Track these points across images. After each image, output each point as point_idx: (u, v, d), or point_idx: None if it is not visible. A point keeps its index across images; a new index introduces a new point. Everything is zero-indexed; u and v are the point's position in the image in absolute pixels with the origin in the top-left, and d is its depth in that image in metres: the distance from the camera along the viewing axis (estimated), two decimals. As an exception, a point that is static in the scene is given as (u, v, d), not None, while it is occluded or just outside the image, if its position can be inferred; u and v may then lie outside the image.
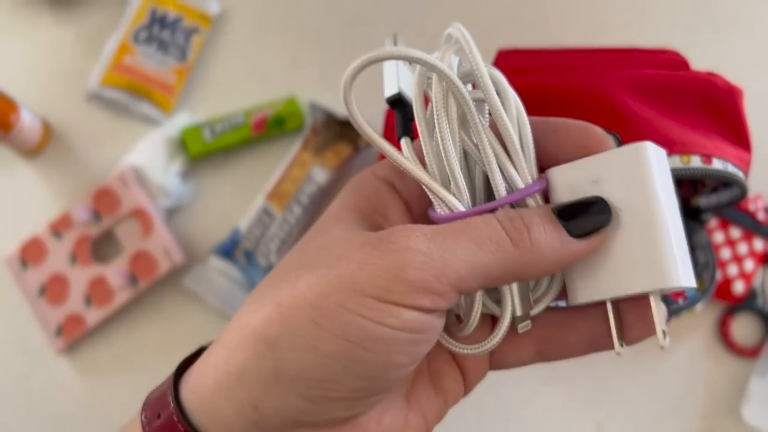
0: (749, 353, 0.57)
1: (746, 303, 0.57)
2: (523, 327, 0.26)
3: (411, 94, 0.25)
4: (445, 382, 0.27)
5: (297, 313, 0.21)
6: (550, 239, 0.22)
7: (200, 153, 0.58)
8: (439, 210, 0.24)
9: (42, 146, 0.59)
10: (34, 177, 0.60)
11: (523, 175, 0.24)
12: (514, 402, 0.57)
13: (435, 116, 0.24)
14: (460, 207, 0.24)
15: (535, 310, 0.26)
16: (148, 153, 0.57)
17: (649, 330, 0.24)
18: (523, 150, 0.24)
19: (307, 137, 0.58)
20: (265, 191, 0.58)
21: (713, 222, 0.57)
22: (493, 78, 0.24)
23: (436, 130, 0.24)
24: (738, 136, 0.45)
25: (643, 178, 0.22)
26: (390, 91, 0.26)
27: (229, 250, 0.57)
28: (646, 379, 0.57)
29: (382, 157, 0.53)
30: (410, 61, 0.23)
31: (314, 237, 0.25)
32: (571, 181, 0.23)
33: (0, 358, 0.58)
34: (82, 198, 0.59)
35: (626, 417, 0.57)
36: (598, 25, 0.63)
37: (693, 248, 0.52)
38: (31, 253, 0.57)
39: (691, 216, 0.50)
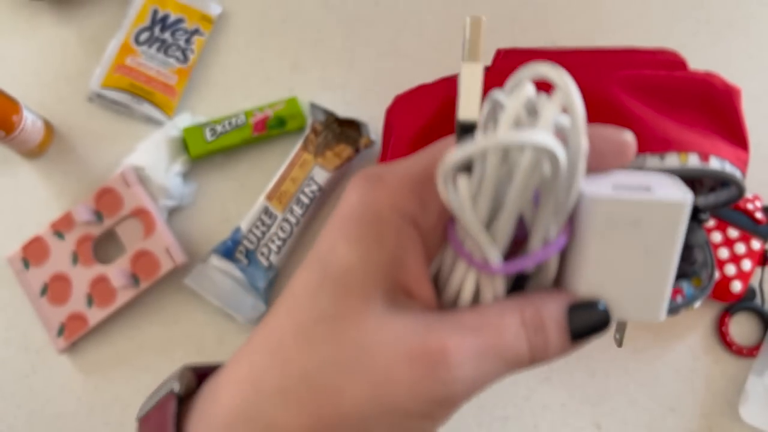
0: (747, 352, 0.57)
1: (744, 302, 0.57)
2: None
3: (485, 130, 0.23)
4: None
5: (343, 428, 0.22)
6: (557, 353, 0.24)
7: (201, 153, 0.59)
8: (472, 251, 0.23)
9: (44, 147, 0.60)
10: (36, 177, 0.60)
11: (558, 232, 0.24)
12: (513, 400, 0.57)
13: (515, 186, 0.22)
14: (497, 263, 0.23)
15: None
16: (149, 153, 0.58)
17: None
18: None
19: (308, 138, 0.59)
20: (265, 191, 0.58)
21: (711, 222, 0.57)
22: (584, 148, 0.22)
23: (509, 197, 0.22)
24: (736, 135, 0.45)
25: (675, 231, 0.24)
26: (468, 114, 0.23)
27: (229, 249, 0.57)
28: (645, 377, 0.58)
29: (382, 161, 0.53)
30: (516, 146, 0.21)
31: (345, 319, 0.23)
32: (613, 216, 0.24)
33: (2, 357, 0.58)
34: (83, 198, 0.59)
35: (625, 415, 0.57)
36: (597, 26, 0.64)
37: (691, 247, 0.52)
38: (33, 253, 0.57)
39: (690, 216, 0.50)
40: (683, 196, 0.23)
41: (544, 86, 0.24)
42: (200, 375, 0.27)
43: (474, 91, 0.22)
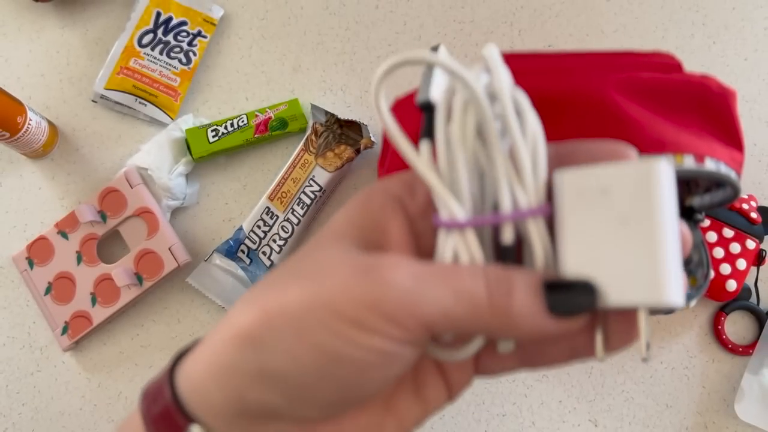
0: (742, 351, 0.58)
1: (739, 301, 0.58)
2: (504, 348, 0.26)
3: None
4: (427, 390, 0.27)
5: (281, 322, 0.23)
6: (527, 312, 0.23)
7: (204, 154, 0.59)
8: (442, 215, 0.25)
9: (48, 148, 0.60)
10: (41, 178, 0.61)
11: (529, 197, 0.24)
12: (510, 398, 0.58)
13: (452, 124, 0.24)
14: (461, 214, 0.24)
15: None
16: (153, 154, 0.58)
17: (630, 339, 0.25)
18: (534, 173, 0.24)
19: (309, 139, 0.59)
20: (267, 192, 0.59)
21: (707, 222, 0.58)
22: (516, 100, 0.24)
23: (451, 140, 0.24)
24: (731, 137, 0.46)
25: (652, 195, 0.22)
26: (422, 96, 0.26)
27: (232, 249, 0.58)
28: (641, 375, 0.58)
29: (381, 162, 0.54)
30: (439, 67, 0.24)
31: (314, 249, 0.26)
32: (580, 187, 0.23)
33: (7, 355, 0.59)
34: (88, 198, 0.60)
35: (621, 412, 0.58)
36: (593, 29, 0.64)
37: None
38: (37, 253, 0.58)
39: (685, 216, 0.51)
40: (654, 160, 0.22)
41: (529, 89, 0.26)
42: None
43: (425, 79, 0.26)
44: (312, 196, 0.58)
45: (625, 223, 0.23)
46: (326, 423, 0.25)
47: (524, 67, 0.45)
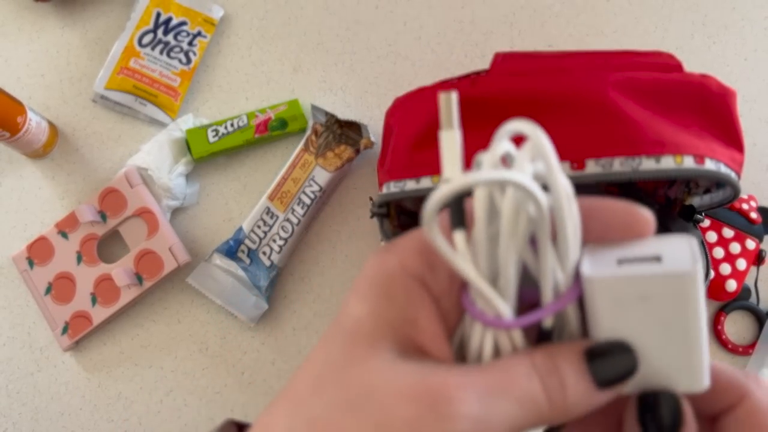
0: (743, 351, 0.58)
1: (739, 301, 0.58)
2: None
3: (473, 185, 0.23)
4: None
5: None
6: (580, 398, 0.23)
7: (204, 154, 0.59)
8: (483, 309, 0.24)
9: (49, 148, 0.60)
10: (41, 178, 0.61)
11: (568, 281, 0.24)
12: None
13: (503, 231, 0.23)
14: (508, 315, 0.23)
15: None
16: (153, 154, 0.58)
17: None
18: (573, 264, 0.24)
19: (309, 139, 0.59)
20: (267, 192, 0.59)
21: (707, 222, 0.58)
22: (567, 194, 0.23)
23: (501, 243, 0.23)
24: (731, 137, 0.46)
25: (691, 300, 0.23)
26: (451, 174, 0.24)
27: (232, 249, 0.58)
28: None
29: (381, 162, 0.54)
30: (505, 185, 0.22)
31: (351, 361, 0.24)
32: (618, 295, 0.23)
33: (7, 355, 0.59)
34: (88, 198, 0.60)
35: (622, 413, 0.58)
36: (593, 29, 0.64)
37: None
38: (37, 253, 0.58)
39: (685, 215, 0.51)
40: (690, 266, 0.22)
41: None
42: (241, 428, 0.28)
43: (454, 154, 0.24)
44: (312, 196, 0.58)
45: (664, 325, 0.23)
46: None
47: (524, 67, 0.45)
